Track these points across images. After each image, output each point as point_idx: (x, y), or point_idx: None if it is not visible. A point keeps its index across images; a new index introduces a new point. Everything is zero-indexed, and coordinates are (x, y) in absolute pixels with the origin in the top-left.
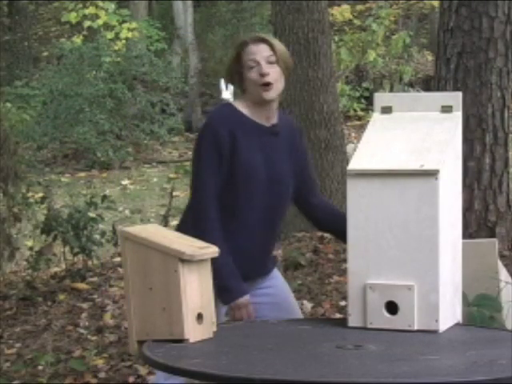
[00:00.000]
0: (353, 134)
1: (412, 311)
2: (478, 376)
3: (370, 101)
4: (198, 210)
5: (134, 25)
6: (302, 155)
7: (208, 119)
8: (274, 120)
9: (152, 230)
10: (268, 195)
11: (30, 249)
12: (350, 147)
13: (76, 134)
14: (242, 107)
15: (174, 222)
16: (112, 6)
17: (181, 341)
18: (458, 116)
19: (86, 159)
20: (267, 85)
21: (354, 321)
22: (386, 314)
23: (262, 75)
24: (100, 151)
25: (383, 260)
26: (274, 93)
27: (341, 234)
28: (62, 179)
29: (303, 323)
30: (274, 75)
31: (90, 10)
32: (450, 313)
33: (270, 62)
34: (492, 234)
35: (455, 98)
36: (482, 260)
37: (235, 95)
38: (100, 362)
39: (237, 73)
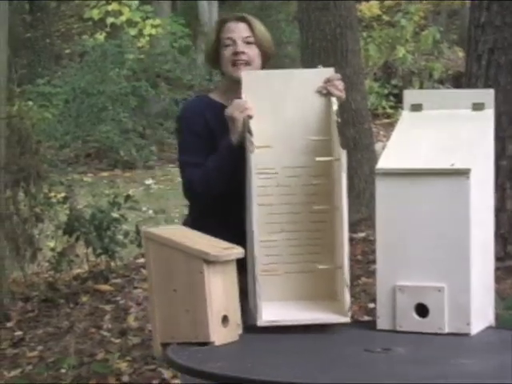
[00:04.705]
0: (381, 133)
1: (442, 314)
2: (510, 380)
3: (399, 98)
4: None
5: (157, 21)
6: None
7: (180, 112)
8: None
9: (176, 230)
10: None
11: (52, 250)
12: (378, 146)
13: (99, 133)
14: (216, 95)
15: None
16: (135, 3)
17: (206, 344)
18: (489, 114)
19: (109, 158)
20: (240, 63)
21: (382, 324)
22: (416, 317)
23: (236, 54)
24: (123, 150)
25: (412, 261)
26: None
27: None
28: (85, 179)
29: (331, 326)
30: (250, 55)
31: (113, 7)
32: (481, 315)
33: (248, 43)
34: None
35: (487, 95)
36: None
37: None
38: (123, 365)
39: (215, 52)
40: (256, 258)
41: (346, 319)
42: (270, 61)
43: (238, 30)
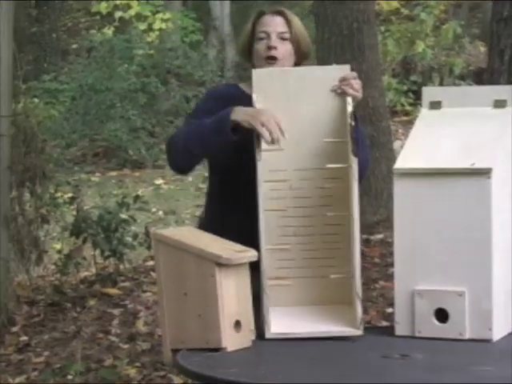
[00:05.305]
0: (400, 131)
1: (463, 319)
2: None
3: (418, 95)
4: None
5: (167, 15)
6: None
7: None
8: None
9: (186, 232)
10: None
11: (59, 252)
12: (397, 144)
13: (107, 131)
14: (246, 86)
15: None
16: None
17: (217, 349)
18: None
19: (118, 157)
20: (272, 59)
21: (401, 329)
22: (436, 322)
23: (269, 48)
24: (132, 149)
25: (432, 264)
26: None
27: None
28: (92, 179)
29: None
30: (283, 51)
31: (122, 0)
32: (504, 321)
33: (283, 38)
34: None
35: (509, 91)
36: None
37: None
38: (132, 372)
39: (249, 44)
40: (263, 268)
41: (359, 332)
42: (306, 60)
43: (274, 24)
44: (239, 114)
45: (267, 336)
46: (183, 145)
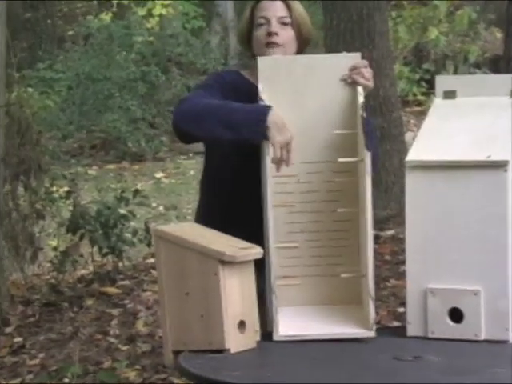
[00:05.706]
0: (412, 122)
1: (479, 319)
2: None
3: (431, 84)
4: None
5: (168, 0)
6: None
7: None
8: None
9: (188, 228)
10: None
11: (55, 249)
12: (409, 136)
13: (105, 122)
14: (248, 73)
15: None
16: None
17: (221, 351)
18: None
19: (116, 150)
20: (273, 45)
21: (413, 329)
22: (450, 323)
23: (270, 34)
24: (131, 141)
25: (446, 262)
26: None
27: None
28: (90, 172)
29: None
30: (284, 37)
31: None
32: None
33: (283, 23)
34: None
35: None
36: None
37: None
38: (132, 375)
39: (248, 32)
40: (272, 268)
41: (371, 334)
42: (307, 47)
43: (274, 9)
44: (271, 121)
45: (275, 338)
46: (198, 113)
